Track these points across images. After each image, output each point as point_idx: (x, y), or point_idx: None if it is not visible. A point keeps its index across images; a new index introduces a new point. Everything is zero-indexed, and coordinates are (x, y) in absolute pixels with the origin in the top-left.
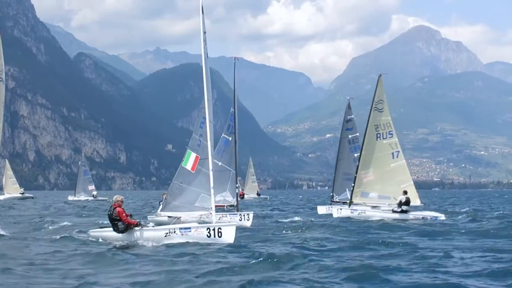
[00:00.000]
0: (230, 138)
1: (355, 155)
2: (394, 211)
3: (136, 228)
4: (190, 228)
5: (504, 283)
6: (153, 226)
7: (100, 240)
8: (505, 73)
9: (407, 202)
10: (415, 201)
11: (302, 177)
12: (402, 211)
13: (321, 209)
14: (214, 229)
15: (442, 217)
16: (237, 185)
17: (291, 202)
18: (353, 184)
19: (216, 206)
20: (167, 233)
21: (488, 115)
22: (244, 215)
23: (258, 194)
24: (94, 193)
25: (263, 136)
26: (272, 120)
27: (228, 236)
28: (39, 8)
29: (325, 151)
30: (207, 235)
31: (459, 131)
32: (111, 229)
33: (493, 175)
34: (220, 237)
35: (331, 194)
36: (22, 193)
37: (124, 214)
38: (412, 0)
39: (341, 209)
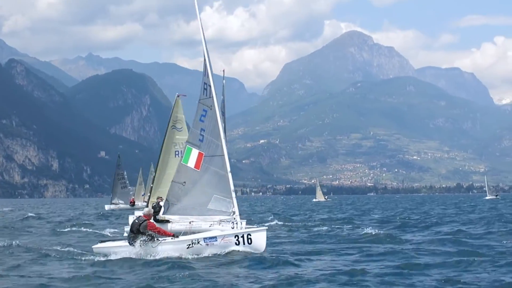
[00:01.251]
0: None
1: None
2: None
3: (153, 240)
4: (216, 237)
5: None
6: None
7: (112, 255)
8: (436, 77)
9: None
10: None
11: (236, 183)
12: None
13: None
14: (243, 236)
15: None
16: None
17: None
18: (149, 194)
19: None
20: (189, 244)
21: (420, 120)
22: (237, 223)
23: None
24: None
25: None
26: None
27: (259, 242)
28: None
29: (259, 157)
30: (236, 243)
31: (391, 136)
32: (120, 242)
33: (426, 179)
34: (250, 244)
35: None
36: None
37: (158, 228)
38: (344, 5)
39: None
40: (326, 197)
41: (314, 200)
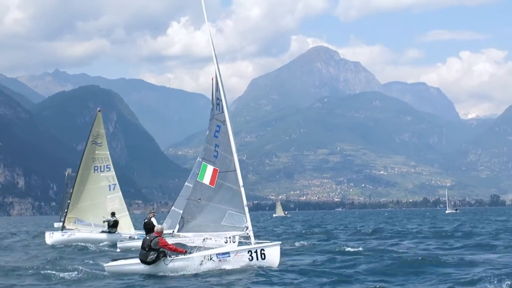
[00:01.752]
0: None
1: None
2: (103, 232)
3: (165, 257)
4: (228, 252)
5: None
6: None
7: (124, 273)
8: (402, 92)
9: (115, 224)
10: (130, 230)
11: None
12: (110, 232)
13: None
14: (256, 252)
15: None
16: None
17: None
18: (66, 210)
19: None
20: (202, 260)
21: (386, 135)
22: (230, 238)
23: None
24: None
25: (164, 158)
26: (172, 142)
27: (273, 257)
28: None
29: None
30: (249, 258)
31: (358, 151)
32: (133, 260)
33: (393, 194)
34: (263, 259)
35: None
36: None
37: (170, 244)
38: (311, 20)
39: (53, 233)
40: (285, 212)
41: (274, 215)
